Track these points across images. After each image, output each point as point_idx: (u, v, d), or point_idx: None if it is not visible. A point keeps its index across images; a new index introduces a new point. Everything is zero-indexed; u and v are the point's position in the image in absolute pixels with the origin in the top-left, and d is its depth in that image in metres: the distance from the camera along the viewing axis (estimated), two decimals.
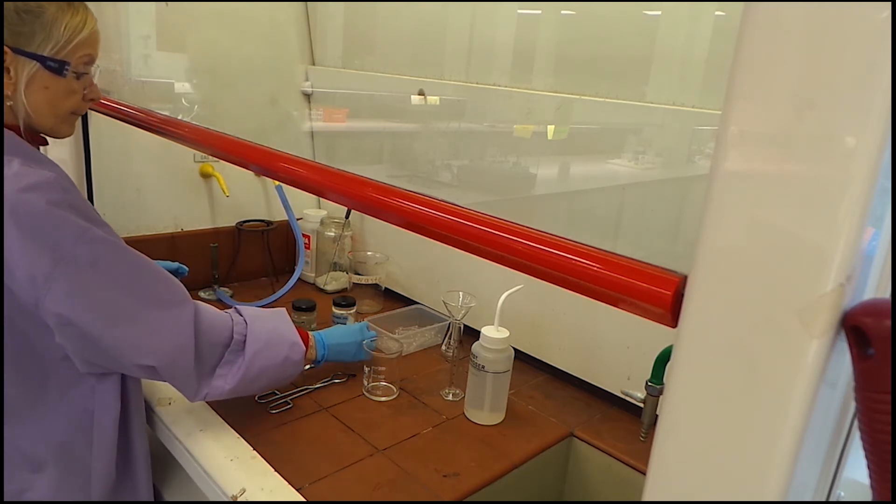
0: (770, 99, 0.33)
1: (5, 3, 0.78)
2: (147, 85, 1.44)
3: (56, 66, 0.81)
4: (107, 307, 0.80)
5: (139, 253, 0.86)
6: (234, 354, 0.91)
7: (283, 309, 1.03)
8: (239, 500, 0.84)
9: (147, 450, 0.98)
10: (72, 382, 0.88)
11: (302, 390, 1.10)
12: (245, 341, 0.92)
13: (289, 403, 1.06)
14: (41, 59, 0.80)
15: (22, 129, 0.83)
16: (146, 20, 1.40)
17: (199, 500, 0.94)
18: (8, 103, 0.82)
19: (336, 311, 1.34)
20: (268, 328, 0.96)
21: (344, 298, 1.35)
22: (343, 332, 1.13)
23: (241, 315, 0.96)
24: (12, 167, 0.77)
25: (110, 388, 0.89)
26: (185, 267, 1.26)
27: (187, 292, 0.89)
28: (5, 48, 0.78)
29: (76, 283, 0.78)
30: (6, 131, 0.81)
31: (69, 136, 0.90)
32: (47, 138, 0.90)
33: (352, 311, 1.35)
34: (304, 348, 1.00)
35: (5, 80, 0.79)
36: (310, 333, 1.07)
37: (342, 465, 0.92)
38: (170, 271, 0.94)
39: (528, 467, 0.99)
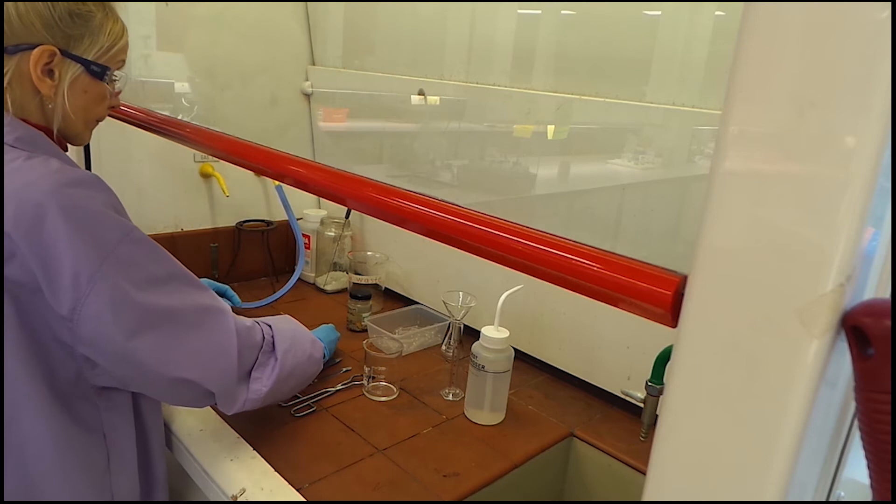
0: (770, 99, 0.32)
1: (59, 4, 0.77)
2: (147, 85, 1.44)
3: (99, 71, 0.81)
4: (150, 311, 0.76)
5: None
6: (266, 356, 0.90)
7: (288, 315, 1.03)
8: (239, 500, 0.84)
9: (164, 467, 0.95)
10: (86, 410, 0.82)
11: (322, 393, 1.10)
12: (274, 341, 0.91)
13: (312, 407, 1.06)
14: (86, 63, 0.80)
15: (56, 132, 0.82)
16: (146, 20, 1.40)
17: (199, 500, 0.94)
18: (48, 105, 0.80)
19: (350, 304, 1.38)
20: (289, 328, 0.96)
21: (360, 291, 1.37)
22: (325, 330, 1.19)
23: (259, 321, 0.94)
24: (51, 165, 0.75)
25: (123, 406, 0.85)
26: (233, 294, 1.26)
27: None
28: (55, 50, 0.77)
29: (119, 285, 0.73)
30: (40, 133, 0.80)
31: (86, 143, 0.89)
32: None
33: (367, 304, 1.37)
34: (322, 344, 1.02)
35: (48, 83, 0.78)
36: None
37: (342, 465, 0.92)
38: (216, 292, 0.94)
39: (528, 467, 0.99)
